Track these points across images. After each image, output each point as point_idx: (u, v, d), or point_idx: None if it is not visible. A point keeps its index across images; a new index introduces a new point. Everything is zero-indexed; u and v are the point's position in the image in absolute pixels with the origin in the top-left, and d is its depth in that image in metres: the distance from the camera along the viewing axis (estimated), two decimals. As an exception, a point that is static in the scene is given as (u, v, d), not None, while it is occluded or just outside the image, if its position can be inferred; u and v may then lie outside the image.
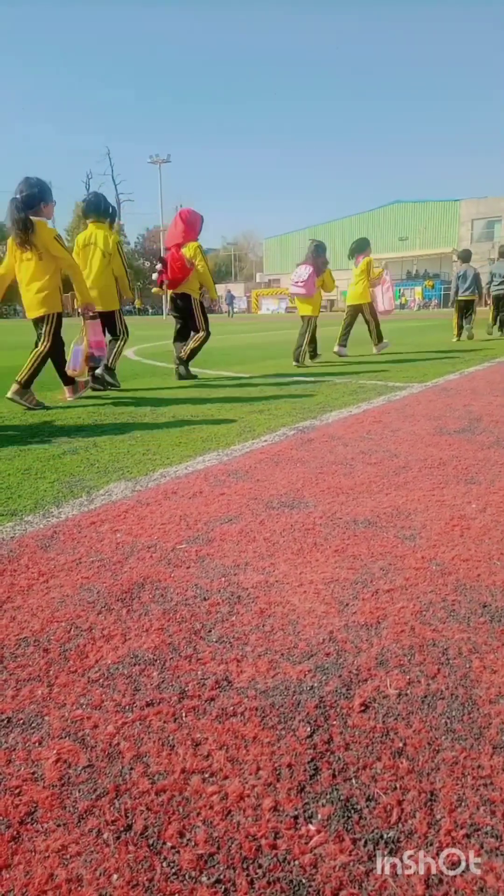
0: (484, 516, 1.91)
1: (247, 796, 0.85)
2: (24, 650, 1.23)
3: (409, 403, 4.06)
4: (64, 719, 1.02)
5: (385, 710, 1.03)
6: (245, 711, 1.03)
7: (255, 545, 1.72)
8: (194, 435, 3.24)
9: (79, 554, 1.70)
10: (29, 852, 0.77)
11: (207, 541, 1.77)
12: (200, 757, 0.93)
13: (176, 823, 0.81)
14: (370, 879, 0.73)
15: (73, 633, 1.29)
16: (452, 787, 0.86)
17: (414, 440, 2.97)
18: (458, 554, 1.63)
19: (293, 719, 1.01)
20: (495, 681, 1.10)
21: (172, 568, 1.59)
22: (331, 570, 1.56)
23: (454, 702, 1.04)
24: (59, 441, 3.16)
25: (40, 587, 1.50)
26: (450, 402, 4.07)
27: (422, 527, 1.83)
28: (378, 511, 1.97)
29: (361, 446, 2.87)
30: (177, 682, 1.12)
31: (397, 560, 1.60)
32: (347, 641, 1.23)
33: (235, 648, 1.22)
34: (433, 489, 2.19)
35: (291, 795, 0.86)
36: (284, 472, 2.46)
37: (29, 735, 0.99)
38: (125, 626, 1.31)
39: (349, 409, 3.91)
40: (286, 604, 1.39)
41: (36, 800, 0.86)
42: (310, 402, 4.23)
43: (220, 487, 2.28)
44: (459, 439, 2.97)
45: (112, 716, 1.03)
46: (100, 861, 0.76)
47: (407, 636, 1.25)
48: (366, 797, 0.85)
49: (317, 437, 3.09)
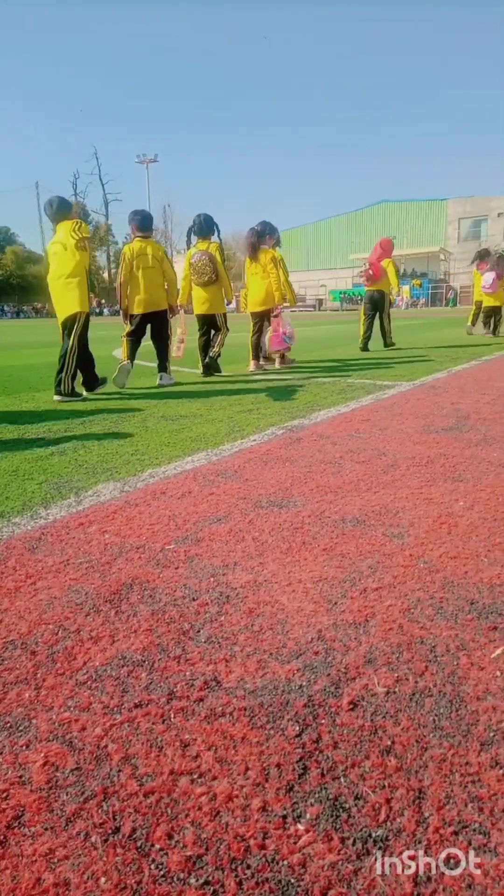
0: (471, 514, 1.92)
1: (235, 797, 0.85)
2: (11, 653, 1.22)
3: (397, 402, 4.08)
4: (51, 722, 1.02)
5: (373, 708, 1.03)
6: (234, 711, 1.03)
7: (244, 545, 1.72)
8: (183, 435, 3.23)
9: (67, 555, 1.69)
10: (16, 857, 0.77)
11: (196, 541, 1.76)
12: (189, 758, 0.93)
13: (164, 825, 0.81)
14: (359, 879, 0.73)
15: (60, 635, 1.28)
16: (440, 785, 0.87)
17: (402, 438, 2.98)
18: (445, 551, 1.64)
19: (282, 719, 1.01)
20: (483, 677, 1.10)
21: (161, 568, 1.59)
22: (319, 568, 1.56)
23: (442, 699, 1.05)
24: (46, 442, 3.14)
25: (28, 589, 1.49)
26: (438, 400, 4.09)
27: (410, 525, 1.84)
28: (366, 509, 1.98)
29: (350, 445, 2.88)
30: (165, 683, 1.11)
31: (385, 558, 1.61)
32: (336, 640, 1.23)
33: (224, 648, 1.22)
34: (421, 487, 2.19)
35: (280, 795, 0.85)
36: (273, 472, 2.46)
37: (16, 738, 0.98)
38: (113, 628, 1.30)
39: (338, 407, 3.91)
40: (275, 603, 1.39)
41: (23, 804, 0.85)
42: (298, 401, 4.23)
43: (209, 487, 2.27)
44: (447, 437, 2.98)
45: (100, 718, 1.02)
46: (88, 864, 0.76)
47: (395, 634, 1.25)
48: (354, 796, 0.85)
49: (305, 437, 3.09)
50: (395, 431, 3.15)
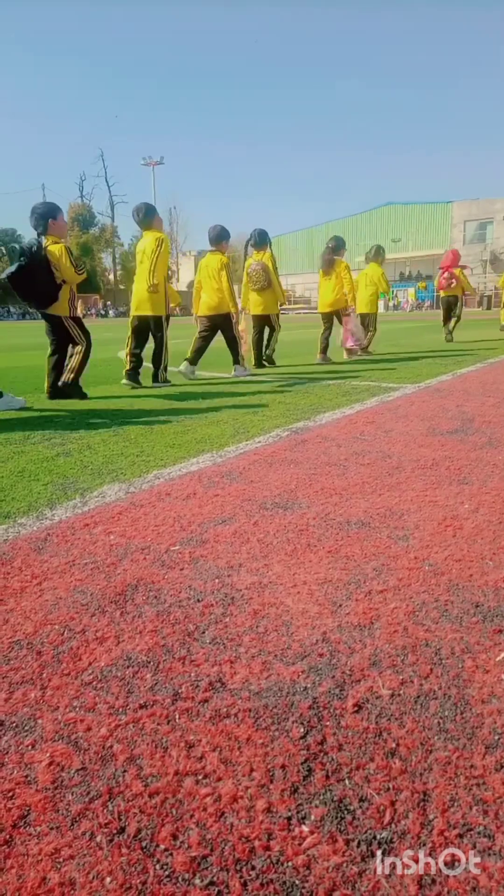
0: (476, 517, 1.92)
1: (240, 798, 0.85)
2: (17, 653, 1.23)
3: (401, 404, 4.07)
4: (57, 722, 1.02)
5: (378, 710, 1.03)
6: (238, 713, 1.03)
7: (249, 546, 1.72)
8: (188, 436, 3.24)
9: (72, 556, 1.69)
10: (22, 856, 0.77)
11: (201, 542, 1.77)
12: (194, 759, 0.93)
13: (169, 825, 0.81)
14: (363, 880, 0.73)
15: (66, 635, 1.29)
16: (445, 788, 0.87)
17: (407, 441, 2.98)
18: (450, 554, 1.64)
19: (286, 720, 1.01)
20: (488, 680, 1.10)
21: (166, 569, 1.59)
22: (324, 570, 1.56)
23: (447, 702, 1.05)
24: (52, 443, 3.15)
25: (33, 590, 1.50)
26: (443, 402, 4.08)
27: (415, 527, 1.84)
28: (371, 512, 1.98)
29: (355, 447, 2.88)
30: (170, 683, 1.11)
31: (390, 560, 1.61)
32: (341, 642, 1.23)
33: (229, 650, 1.22)
34: (426, 490, 2.19)
35: (285, 796, 0.86)
36: (278, 474, 2.46)
37: (22, 738, 0.99)
38: (118, 629, 1.31)
39: (342, 409, 3.91)
40: (280, 605, 1.39)
41: (29, 803, 0.85)
42: (303, 403, 4.23)
43: (214, 489, 2.28)
44: (452, 440, 2.98)
45: (105, 718, 1.03)
46: (93, 864, 0.76)
47: (400, 636, 1.25)
48: (359, 798, 0.85)
49: (310, 438, 3.09)
50: (400, 434, 3.15)
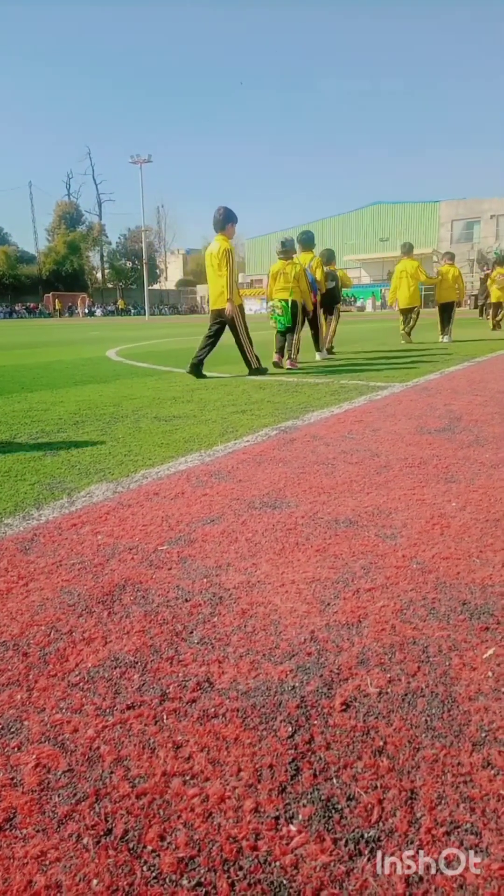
0: (464, 515, 1.93)
1: (228, 798, 0.85)
2: (2, 654, 1.22)
3: (390, 403, 4.09)
4: (43, 724, 1.01)
5: (366, 708, 1.03)
6: (226, 713, 1.03)
7: (237, 546, 1.72)
8: (176, 436, 3.23)
9: (59, 556, 1.68)
10: (7, 859, 0.76)
11: (189, 542, 1.76)
12: (181, 759, 0.93)
13: (156, 827, 0.81)
14: (351, 879, 0.74)
15: (53, 636, 1.28)
16: (433, 785, 0.87)
17: (395, 439, 2.99)
18: (438, 552, 1.64)
19: (274, 720, 1.01)
20: (474, 678, 1.11)
21: (154, 569, 1.58)
22: (312, 569, 1.56)
23: (434, 699, 1.05)
24: (39, 442, 3.13)
25: (20, 590, 1.49)
26: (430, 401, 4.10)
27: (402, 526, 1.84)
28: (359, 510, 1.98)
29: (343, 446, 2.88)
30: (158, 684, 1.11)
31: (378, 559, 1.61)
32: (329, 641, 1.24)
33: (217, 649, 1.22)
34: (414, 488, 2.20)
35: (272, 796, 0.86)
36: (266, 473, 2.46)
37: (8, 740, 0.98)
38: (106, 629, 1.30)
39: (331, 409, 3.92)
40: (268, 604, 1.39)
41: (15, 805, 0.85)
42: (292, 402, 4.24)
43: (202, 488, 2.27)
44: (440, 438, 2.99)
45: (92, 719, 1.02)
46: (79, 866, 0.75)
47: (387, 635, 1.25)
48: (346, 797, 0.85)
49: (299, 438, 3.10)
50: (388, 433, 3.16)
